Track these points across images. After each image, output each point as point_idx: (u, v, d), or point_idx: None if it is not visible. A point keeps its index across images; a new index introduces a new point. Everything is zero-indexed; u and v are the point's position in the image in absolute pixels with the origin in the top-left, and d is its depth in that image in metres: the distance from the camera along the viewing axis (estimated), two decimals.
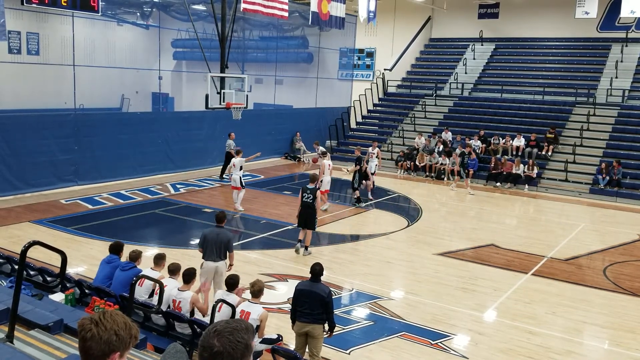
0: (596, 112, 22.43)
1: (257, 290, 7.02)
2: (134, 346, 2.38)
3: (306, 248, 11.94)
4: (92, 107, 22.57)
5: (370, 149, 19.68)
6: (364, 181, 17.36)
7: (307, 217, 11.73)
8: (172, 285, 7.20)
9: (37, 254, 9.09)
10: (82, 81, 18.74)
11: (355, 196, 16.82)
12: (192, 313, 7.02)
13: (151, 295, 7.40)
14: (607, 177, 19.33)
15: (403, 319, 8.93)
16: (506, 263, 11.99)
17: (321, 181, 15.17)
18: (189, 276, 7.27)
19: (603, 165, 19.58)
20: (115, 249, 7.96)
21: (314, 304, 6.68)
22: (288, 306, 9.12)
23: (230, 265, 8.83)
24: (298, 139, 25.02)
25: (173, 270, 7.49)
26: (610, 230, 15.29)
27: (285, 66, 27.79)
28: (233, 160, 15.74)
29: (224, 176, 19.43)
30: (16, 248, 10.66)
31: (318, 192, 12.02)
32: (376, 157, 19.33)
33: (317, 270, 6.88)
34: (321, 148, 19.97)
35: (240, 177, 15.47)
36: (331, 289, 9.99)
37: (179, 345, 3.17)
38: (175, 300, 7.03)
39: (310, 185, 11.95)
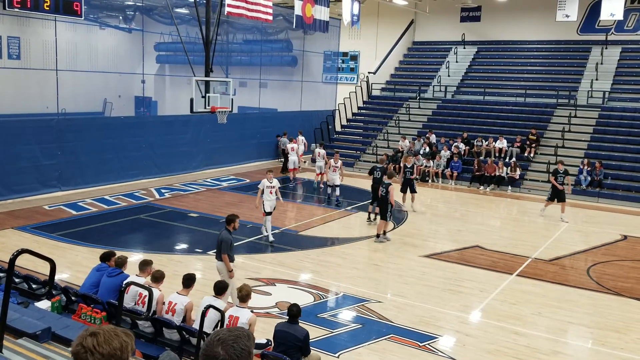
0: (577, 114, 22.73)
1: (244, 295, 7.01)
2: None
3: (378, 236, 13.42)
4: (75, 112, 22.35)
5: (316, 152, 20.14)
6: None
7: (381, 209, 13.36)
8: (156, 294, 7.11)
9: (22, 262, 8.97)
10: (65, 85, 18.57)
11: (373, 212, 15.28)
12: (184, 319, 6.98)
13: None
14: (589, 178, 19.60)
15: (391, 321, 8.97)
16: (491, 264, 12.10)
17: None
18: (188, 281, 7.24)
19: (585, 161, 19.87)
20: (106, 258, 7.96)
21: (288, 346, 6.52)
22: (276, 310, 9.14)
23: (229, 271, 8.77)
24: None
25: (157, 278, 7.41)
26: (593, 231, 15.49)
27: (270, 69, 27.78)
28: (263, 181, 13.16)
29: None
30: (0, 255, 10.54)
31: (391, 187, 13.13)
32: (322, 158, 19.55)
33: (294, 311, 6.74)
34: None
35: (263, 202, 12.94)
36: (320, 292, 10.05)
37: (173, 354, 3.16)
38: (171, 302, 6.99)
39: (387, 180, 13.34)
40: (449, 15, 28.67)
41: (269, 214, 12.96)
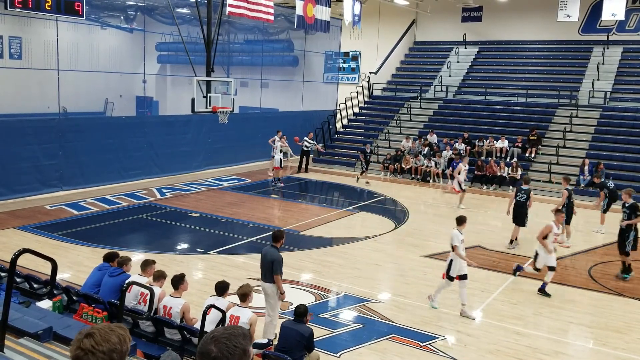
0: (579, 114, 22.71)
1: (242, 294, 7.01)
2: None
3: (511, 242, 13.26)
4: (76, 112, 22.36)
5: (276, 137, 20.81)
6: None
7: (520, 215, 13.08)
8: (157, 292, 7.13)
9: (24, 261, 8.98)
10: (66, 85, 18.55)
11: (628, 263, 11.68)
12: (182, 320, 6.98)
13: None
14: (589, 177, 19.57)
15: (392, 321, 8.97)
16: (493, 264, 12.09)
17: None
18: (178, 282, 7.23)
19: (586, 161, 19.85)
20: (109, 258, 7.98)
21: (292, 343, 6.62)
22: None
23: (281, 293, 8.03)
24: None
25: (157, 276, 7.43)
26: (594, 231, 15.46)
27: (271, 69, 27.78)
28: (453, 237, 9.45)
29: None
30: (1, 255, 10.55)
31: (531, 193, 13.08)
32: (280, 150, 20.33)
33: (300, 311, 6.85)
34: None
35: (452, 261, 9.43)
36: (321, 292, 10.05)
37: (174, 353, 3.16)
38: (166, 306, 6.99)
39: (525, 186, 13.25)
40: (450, 15, 28.64)
41: (461, 278, 9.36)
